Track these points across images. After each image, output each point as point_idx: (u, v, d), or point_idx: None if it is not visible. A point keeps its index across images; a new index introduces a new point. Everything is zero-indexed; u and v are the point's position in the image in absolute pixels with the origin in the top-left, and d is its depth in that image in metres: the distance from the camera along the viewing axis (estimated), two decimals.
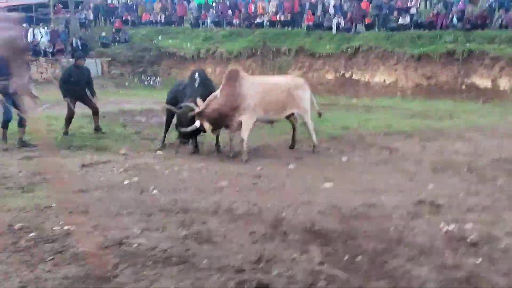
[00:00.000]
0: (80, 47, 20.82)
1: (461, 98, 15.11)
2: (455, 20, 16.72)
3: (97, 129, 8.77)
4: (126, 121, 10.57)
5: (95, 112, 8.73)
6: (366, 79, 17.82)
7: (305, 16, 20.66)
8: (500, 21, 15.99)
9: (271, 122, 7.41)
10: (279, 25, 21.20)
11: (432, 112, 12.24)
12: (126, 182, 5.19)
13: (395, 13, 18.01)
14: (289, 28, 21.05)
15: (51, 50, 21.11)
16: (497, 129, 9.31)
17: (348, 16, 19.25)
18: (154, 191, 4.85)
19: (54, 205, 4.18)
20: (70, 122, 8.51)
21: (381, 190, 4.94)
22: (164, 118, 7.86)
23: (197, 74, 7.05)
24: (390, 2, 18.73)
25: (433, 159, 6.54)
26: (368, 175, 5.76)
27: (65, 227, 3.65)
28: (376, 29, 18.81)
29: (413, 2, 18.40)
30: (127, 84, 20.92)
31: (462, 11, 16.92)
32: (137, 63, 22.46)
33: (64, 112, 8.56)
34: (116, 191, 4.84)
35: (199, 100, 6.55)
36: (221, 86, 6.73)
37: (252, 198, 4.60)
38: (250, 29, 21.69)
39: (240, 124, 6.69)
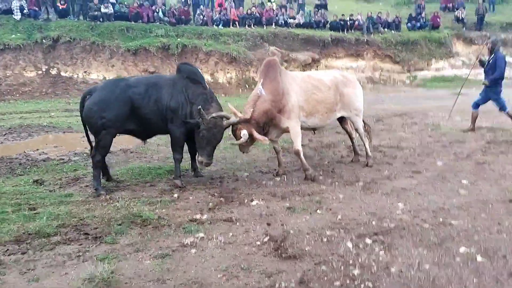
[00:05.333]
0: None
1: None
2: (161, 13, 16.64)
3: None
4: None
5: None
6: (81, 76, 15.34)
7: None
8: (202, 17, 17.13)
9: (313, 129, 5.92)
10: None
11: None
12: None
13: (96, 0, 16.07)
14: None
15: None
16: None
17: None
18: None
19: None
20: None
21: None
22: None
23: (197, 71, 5.33)
24: None
25: None
26: None
27: None
28: (73, 17, 16.34)
29: None
30: None
31: (164, 4, 17.07)
32: None
33: None
34: None
35: (230, 106, 5.29)
36: (261, 80, 5.24)
37: None
38: None
39: (281, 131, 5.44)
